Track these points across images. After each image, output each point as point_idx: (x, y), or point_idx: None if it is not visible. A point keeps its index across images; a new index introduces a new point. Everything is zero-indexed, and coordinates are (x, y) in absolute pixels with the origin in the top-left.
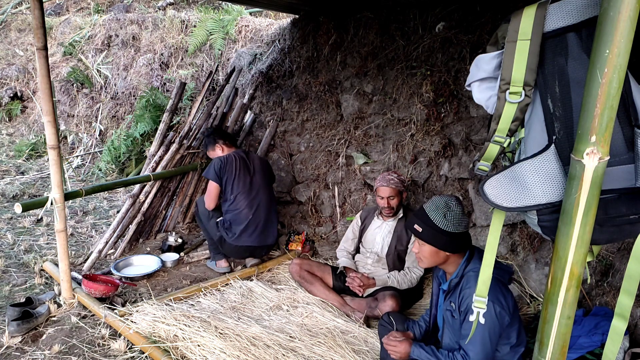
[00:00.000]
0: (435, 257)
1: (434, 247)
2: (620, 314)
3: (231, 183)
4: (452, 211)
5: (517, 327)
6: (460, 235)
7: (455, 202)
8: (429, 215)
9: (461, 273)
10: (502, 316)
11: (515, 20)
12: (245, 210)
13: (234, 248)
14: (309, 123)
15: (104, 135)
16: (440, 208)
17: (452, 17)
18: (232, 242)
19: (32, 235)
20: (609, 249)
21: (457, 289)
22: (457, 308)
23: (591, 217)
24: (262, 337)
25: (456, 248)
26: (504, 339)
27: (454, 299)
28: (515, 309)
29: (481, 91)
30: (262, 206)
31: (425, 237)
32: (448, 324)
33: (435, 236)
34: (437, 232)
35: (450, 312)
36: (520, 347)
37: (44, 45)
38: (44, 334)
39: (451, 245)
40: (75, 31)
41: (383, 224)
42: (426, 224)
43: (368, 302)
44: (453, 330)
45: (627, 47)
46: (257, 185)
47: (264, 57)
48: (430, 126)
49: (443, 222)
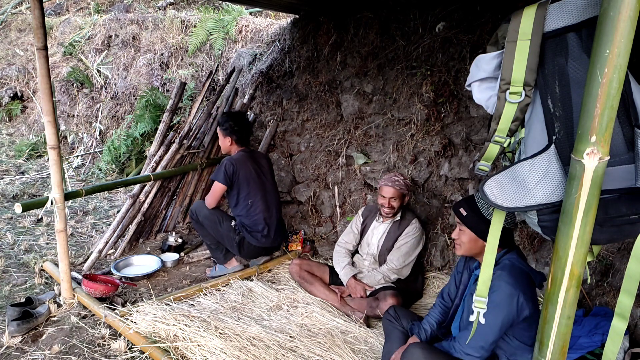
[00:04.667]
0: (473, 245)
1: (474, 233)
2: (621, 314)
3: (247, 188)
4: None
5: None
6: (503, 230)
7: None
8: (478, 203)
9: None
10: (522, 308)
11: (515, 20)
12: (264, 213)
13: (253, 249)
14: (309, 123)
15: (104, 135)
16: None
17: (452, 17)
18: (256, 244)
19: (32, 235)
20: (609, 249)
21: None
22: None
23: (591, 217)
24: (262, 337)
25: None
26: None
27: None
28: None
29: (481, 91)
30: (274, 206)
31: (469, 223)
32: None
33: (479, 224)
34: (481, 221)
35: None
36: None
37: (44, 45)
38: (44, 334)
39: None
40: (75, 31)
41: (380, 225)
42: (472, 211)
43: (368, 302)
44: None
45: (627, 47)
46: (268, 186)
47: (264, 57)
48: (431, 126)
49: (489, 211)
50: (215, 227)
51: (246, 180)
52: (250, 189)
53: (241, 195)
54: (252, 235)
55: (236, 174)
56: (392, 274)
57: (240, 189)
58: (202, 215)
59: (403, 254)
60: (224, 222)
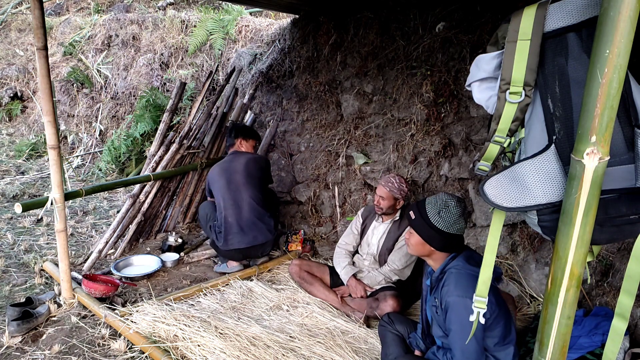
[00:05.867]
0: (420, 248)
1: (420, 237)
2: (621, 314)
3: (214, 191)
4: (449, 211)
5: (503, 323)
6: (450, 236)
7: (455, 204)
8: (426, 207)
9: (443, 269)
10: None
11: (515, 20)
12: (228, 213)
13: (226, 252)
14: (309, 123)
15: (104, 135)
16: (438, 204)
17: (452, 17)
18: (222, 247)
19: (32, 235)
20: (609, 249)
21: (439, 285)
22: (440, 304)
23: (591, 217)
24: (262, 337)
25: (442, 247)
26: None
27: (437, 294)
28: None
29: (481, 91)
30: (246, 206)
31: (414, 226)
32: (435, 319)
33: (424, 228)
34: (427, 226)
35: (435, 308)
36: (509, 345)
37: (44, 45)
38: (44, 334)
39: (437, 242)
40: (75, 31)
41: (380, 225)
42: (420, 214)
43: (369, 302)
44: (440, 324)
45: (627, 47)
46: (235, 185)
47: (264, 57)
48: (431, 126)
49: (436, 218)
50: (206, 225)
51: (213, 183)
52: (215, 192)
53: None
54: (217, 237)
55: (208, 181)
56: (393, 275)
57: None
58: (201, 213)
59: (405, 254)
60: (208, 221)
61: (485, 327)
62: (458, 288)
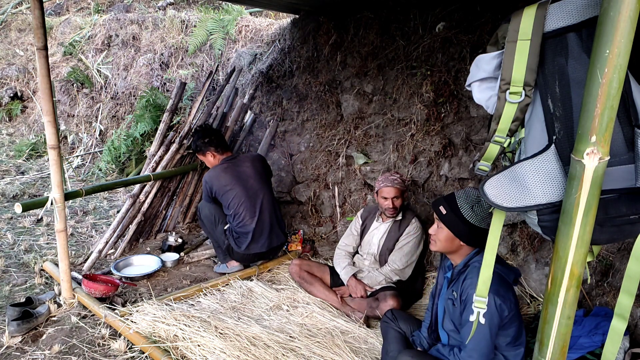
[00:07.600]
0: (449, 243)
1: (451, 232)
2: (620, 314)
3: (226, 199)
4: (481, 206)
5: (517, 324)
6: (480, 231)
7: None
8: (458, 202)
9: (467, 263)
10: (502, 309)
11: (515, 20)
12: (249, 221)
13: (242, 256)
14: (309, 123)
15: (104, 135)
16: (470, 199)
17: (452, 17)
18: (240, 251)
19: (32, 235)
20: (609, 249)
21: (461, 278)
22: (459, 297)
23: (591, 217)
24: (262, 337)
25: (472, 241)
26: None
27: (457, 287)
28: (516, 306)
29: (481, 91)
30: (265, 210)
31: (447, 221)
32: (449, 312)
33: (457, 223)
34: (460, 221)
35: (451, 301)
36: (520, 347)
37: (44, 45)
38: (44, 334)
39: (468, 237)
40: (75, 31)
41: (381, 225)
42: (452, 209)
43: (369, 302)
44: (453, 319)
45: (627, 47)
46: (254, 190)
47: (264, 57)
48: (431, 126)
49: (469, 213)
50: (212, 227)
51: (224, 192)
52: (230, 200)
53: (224, 207)
54: (236, 243)
55: (212, 190)
56: (394, 275)
57: (222, 202)
58: (203, 214)
59: (405, 254)
60: (219, 224)
61: (501, 325)
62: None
